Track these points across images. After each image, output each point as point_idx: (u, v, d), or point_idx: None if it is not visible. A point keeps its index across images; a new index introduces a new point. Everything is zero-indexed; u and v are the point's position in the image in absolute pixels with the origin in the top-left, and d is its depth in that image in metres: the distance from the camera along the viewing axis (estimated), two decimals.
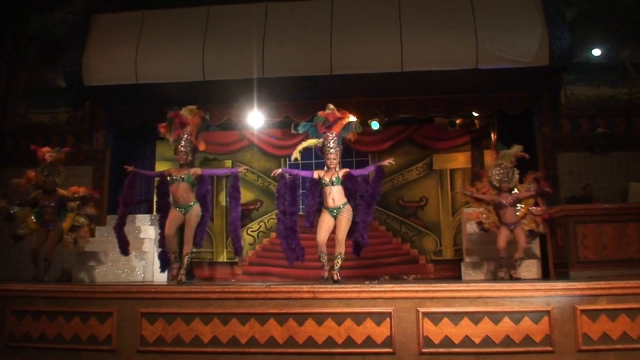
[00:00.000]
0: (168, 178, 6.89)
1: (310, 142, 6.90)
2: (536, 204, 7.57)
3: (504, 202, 7.38)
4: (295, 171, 6.97)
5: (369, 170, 6.79)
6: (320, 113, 6.79)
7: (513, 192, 7.52)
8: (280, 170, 6.87)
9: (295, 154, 6.95)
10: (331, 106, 6.78)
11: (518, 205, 7.50)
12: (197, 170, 6.93)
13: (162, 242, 7.15)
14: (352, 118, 6.79)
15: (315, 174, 6.67)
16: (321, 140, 6.71)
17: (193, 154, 7.07)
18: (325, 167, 6.69)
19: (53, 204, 7.67)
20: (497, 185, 7.48)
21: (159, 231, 7.30)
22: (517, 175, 7.55)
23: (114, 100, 9.89)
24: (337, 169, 6.59)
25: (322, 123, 6.73)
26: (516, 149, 7.64)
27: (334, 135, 6.62)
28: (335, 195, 6.45)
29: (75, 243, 7.83)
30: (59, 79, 10.21)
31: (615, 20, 9.77)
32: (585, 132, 9.47)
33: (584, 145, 9.41)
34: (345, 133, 6.77)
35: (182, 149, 6.83)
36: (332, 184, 6.48)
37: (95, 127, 10.37)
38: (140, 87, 9.20)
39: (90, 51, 9.27)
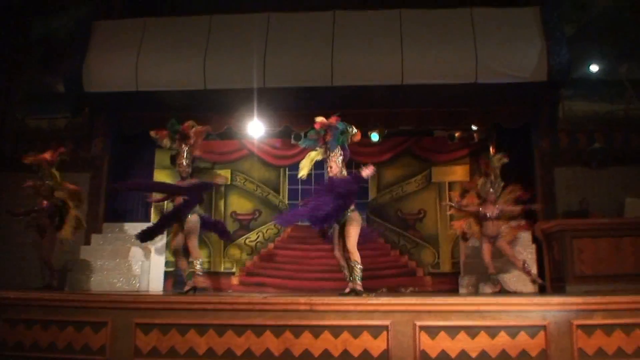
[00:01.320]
0: None
1: (311, 156, 6.84)
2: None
3: (488, 214, 7.43)
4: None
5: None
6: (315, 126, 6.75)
7: (496, 204, 7.57)
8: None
9: (303, 173, 6.88)
10: (318, 119, 6.73)
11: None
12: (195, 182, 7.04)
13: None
14: (336, 122, 6.66)
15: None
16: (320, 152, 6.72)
17: (192, 165, 7.17)
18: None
19: (46, 208, 7.70)
20: (485, 196, 7.54)
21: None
22: (501, 187, 7.61)
23: (114, 107, 9.87)
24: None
25: (318, 136, 6.72)
26: (498, 158, 7.69)
27: (328, 142, 6.60)
28: None
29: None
30: (58, 84, 10.17)
31: (614, 36, 9.80)
32: (583, 147, 9.48)
33: (581, 160, 9.42)
34: (339, 139, 6.66)
35: (185, 161, 6.97)
36: None
37: (94, 133, 10.32)
38: (140, 94, 9.19)
39: (91, 57, 9.27)
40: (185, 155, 7.05)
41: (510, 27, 8.83)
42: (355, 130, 6.83)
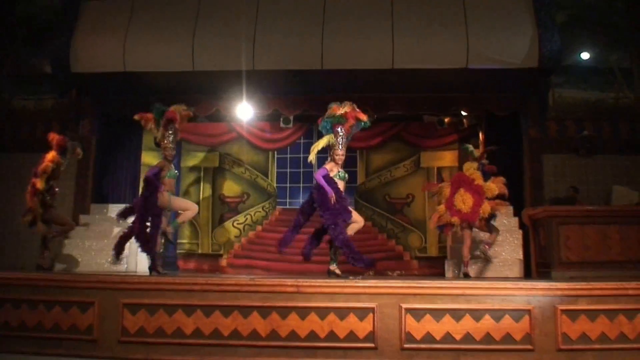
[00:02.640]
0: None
1: (324, 140, 6.78)
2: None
3: None
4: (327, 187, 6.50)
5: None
6: (337, 111, 6.66)
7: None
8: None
9: (312, 157, 6.86)
10: (348, 104, 6.72)
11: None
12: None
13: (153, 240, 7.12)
14: (365, 119, 6.76)
15: (328, 168, 6.59)
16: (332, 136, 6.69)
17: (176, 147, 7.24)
18: (333, 162, 6.65)
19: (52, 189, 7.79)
20: None
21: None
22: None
23: (101, 88, 9.78)
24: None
25: (340, 122, 6.65)
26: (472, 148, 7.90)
27: (344, 132, 6.62)
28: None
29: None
30: (45, 64, 10.06)
31: (605, 24, 9.82)
32: (572, 134, 9.53)
33: (570, 148, 9.47)
34: (355, 131, 6.80)
35: (171, 144, 7.00)
36: (340, 179, 6.59)
37: (81, 114, 10.24)
38: (128, 75, 9.11)
39: (79, 38, 9.19)
40: (171, 139, 7.07)
41: (502, 13, 8.81)
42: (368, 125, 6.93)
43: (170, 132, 7.06)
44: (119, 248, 6.97)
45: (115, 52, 9.00)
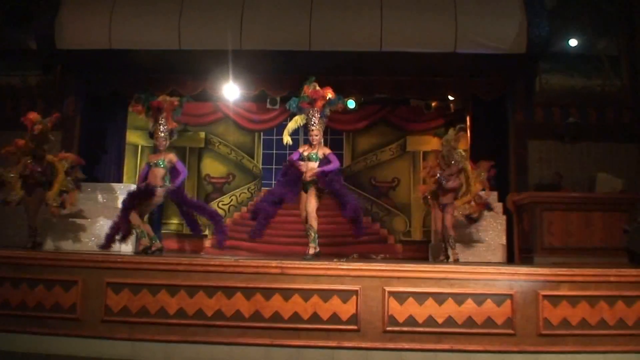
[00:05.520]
0: (149, 165, 7.00)
1: (297, 120, 6.81)
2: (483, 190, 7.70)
3: (444, 182, 7.47)
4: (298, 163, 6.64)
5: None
6: (305, 89, 6.68)
7: (461, 174, 7.61)
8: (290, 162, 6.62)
9: (286, 138, 6.87)
10: (313, 80, 6.72)
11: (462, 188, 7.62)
12: (173, 159, 6.99)
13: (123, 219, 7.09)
14: (331, 94, 6.69)
15: (301, 150, 6.67)
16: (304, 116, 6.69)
17: (170, 138, 7.09)
18: (308, 143, 6.67)
19: (40, 170, 7.59)
20: (445, 185, 7.54)
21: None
22: (461, 154, 7.67)
23: (87, 65, 9.65)
24: (320, 145, 6.61)
25: (305, 100, 6.65)
26: (452, 132, 7.76)
27: (316, 111, 6.59)
28: (309, 171, 6.46)
29: (62, 207, 7.77)
30: (30, 40, 9.89)
31: (593, 12, 9.83)
32: (558, 121, 9.57)
33: (555, 134, 9.51)
34: (328, 108, 6.72)
35: (161, 134, 6.91)
36: (309, 159, 6.50)
37: (66, 92, 10.10)
38: (113, 52, 8.98)
39: (64, 13, 9.03)
40: (161, 128, 6.97)
41: None
42: (346, 102, 6.89)
43: (161, 122, 6.96)
44: (109, 239, 6.96)
45: (101, 29, 8.87)
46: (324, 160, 6.58)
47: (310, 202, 6.44)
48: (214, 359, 5.00)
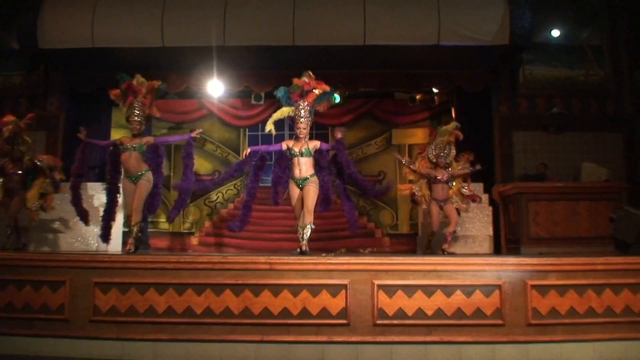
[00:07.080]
0: (120, 147, 6.81)
1: (283, 111, 6.74)
2: (465, 180, 7.73)
3: (439, 177, 7.52)
4: (264, 147, 6.87)
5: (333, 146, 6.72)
6: (295, 80, 6.64)
7: (448, 169, 7.65)
8: (249, 150, 6.75)
9: (269, 126, 6.80)
10: (310, 73, 6.68)
11: (451, 183, 7.64)
12: (150, 140, 6.89)
13: (108, 213, 7.04)
14: (327, 89, 6.69)
15: (284, 145, 6.61)
16: (293, 109, 6.63)
17: (146, 122, 6.97)
18: (295, 137, 6.63)
19: (20, 172, 7.50)
20: (434, 160, 7.62)
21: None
22: (453, 152, 7.71)
23: (70, 64, 9.60)
24: (306, 140, 6.56)
25: (296, 91, 6.60)
26: (453, 125, 7.77)
27: (306, 104, 6.54)
28: (303, 167, 6.45)
29: (43, 209, 7.68)
30: (12, 40, 9.82)
31: (576, 2, 9.90)
32: (542, 111, 9.63)
33: (540, 125, 9.57)
34: (318, 103, 6.67)
35: (136, 118, 6.78)
36: (302, 155, 6.46)
37: (49, 91, 10.05)
38: (96, 51, 8.93)
39: (46, 13, 8.95)
40: (135, 112, 6.82)
41: None
42: (336, 99, 6.91)
43: (135, 105, 6.82)
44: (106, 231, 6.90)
45: (84, 28, 8.81)
46: (318, 153, 6.58)
47: (309, 198, 6.40)
48: (204, 356, 4.97)
